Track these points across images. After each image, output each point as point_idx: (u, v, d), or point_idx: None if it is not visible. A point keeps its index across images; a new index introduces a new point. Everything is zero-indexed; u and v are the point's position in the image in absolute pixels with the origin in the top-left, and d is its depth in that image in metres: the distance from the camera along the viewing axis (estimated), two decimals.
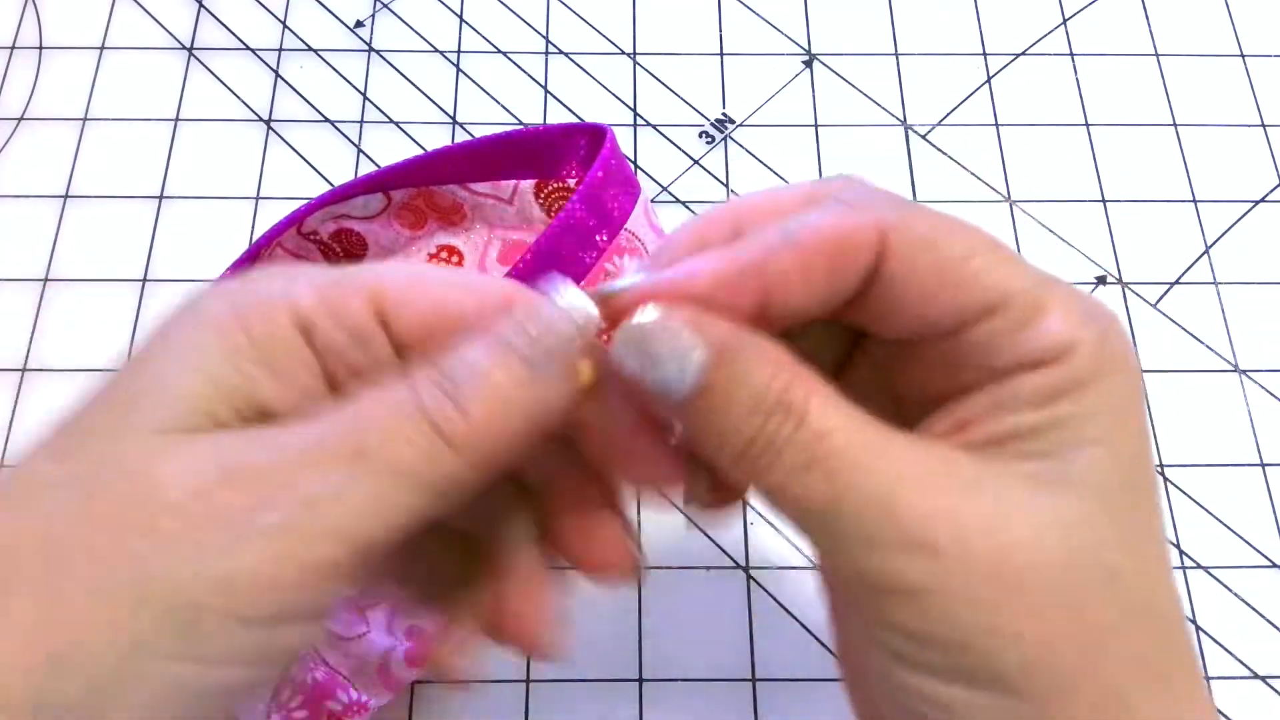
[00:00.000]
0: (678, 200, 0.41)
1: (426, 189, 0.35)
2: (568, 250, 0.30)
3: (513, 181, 0.35)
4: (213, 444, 0.19)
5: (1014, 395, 0.20)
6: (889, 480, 0.19)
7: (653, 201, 0.41)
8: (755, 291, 0.20)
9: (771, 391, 0.19)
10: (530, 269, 0.28)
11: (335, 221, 0.36)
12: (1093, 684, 0.19)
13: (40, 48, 0.44)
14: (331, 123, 0.43)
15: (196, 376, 0.19)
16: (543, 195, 0.35)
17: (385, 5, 0.45)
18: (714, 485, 0.23)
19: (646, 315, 0.20)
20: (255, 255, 0.35)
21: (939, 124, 0.43)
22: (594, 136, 0.33)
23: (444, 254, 0.37)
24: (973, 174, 0.42)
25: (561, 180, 0.34)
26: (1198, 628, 0.35)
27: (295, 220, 0.35)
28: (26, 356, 0.38)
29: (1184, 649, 0.20)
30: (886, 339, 0.22)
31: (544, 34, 0.45)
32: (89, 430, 0.19)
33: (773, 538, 0.35)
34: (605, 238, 0.31)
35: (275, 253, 0.35)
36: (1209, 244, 0.41)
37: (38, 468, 0.19)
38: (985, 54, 0.45)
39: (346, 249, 0.37)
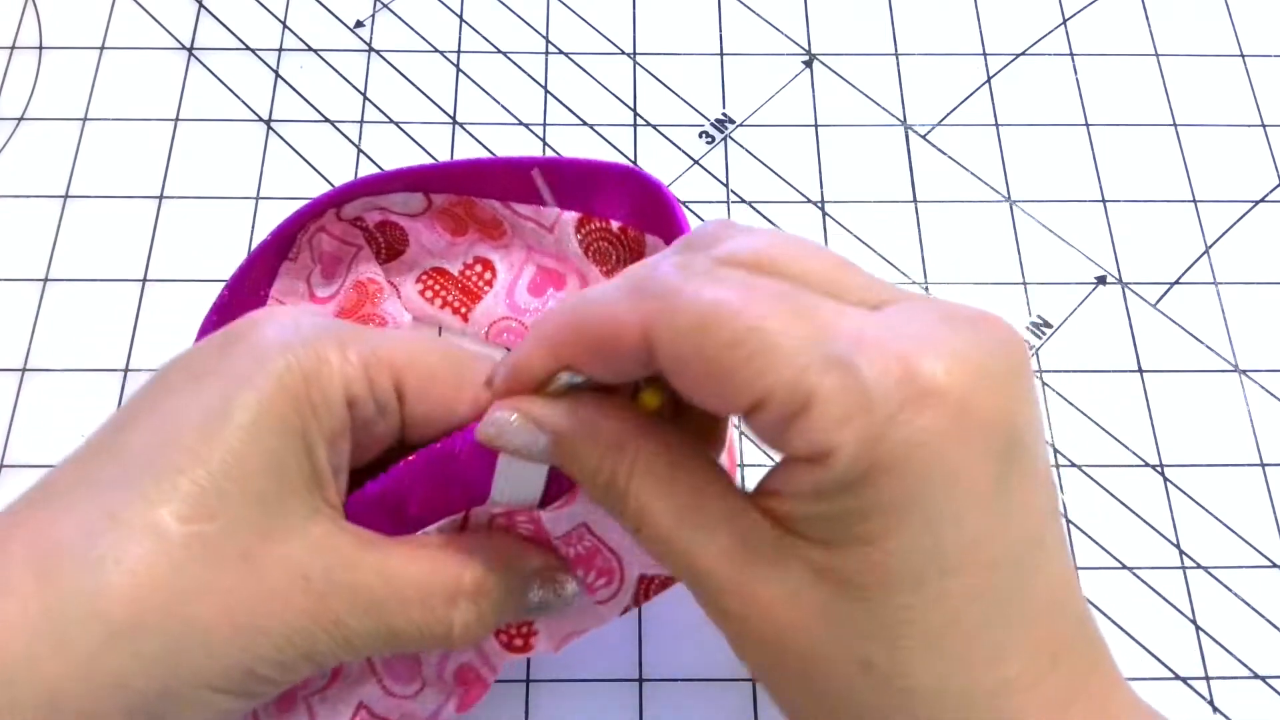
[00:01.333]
0: (678, 200, 0.41)
1: (467, 199, 0.35)
2: None
3: (556, 210, 0.34)
4: (305, 550, 0.23)
5: (793, 483, 0.20)
6: (695, 552, 0.21)
7: None
8: (558, 366, 0.23)
9: (600, 474, 0.22)
10: None
11: (381, 212, 0.35)
12: None
13: (40, 48, 0.44)
14: (331, 123, 0.43)
15: (285, 452, 0.23)
16: (583, 231, 0.34)
17: (385, 5, 0.45)
18: None
19: (498, 413, 0.23)
20: (290, 236, 0.34)
21: (939, 124, 0.43)
22: (648, 187, 0.32)
23: (479, 267, 0.36)
24: (973, 174, 0.42)
25: (604, 220, 0.34)
26: (1198, 628, 0.35)
27: (331, 202, 0.34)
28: (26, 356, 0.38)
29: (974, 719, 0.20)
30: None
31: (544, 34, 0.45)
32: (204, 494, 0.22)
33: None
34: None
35: (317, 237, 0.35)
36: (1209, 244, 0.41)
37: (163, 519, 0.21)
38: (985, 54, 0.45)
39: (389, 241, 0.36)
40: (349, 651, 0.24)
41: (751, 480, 0.36)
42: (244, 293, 0.34)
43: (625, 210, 0.33)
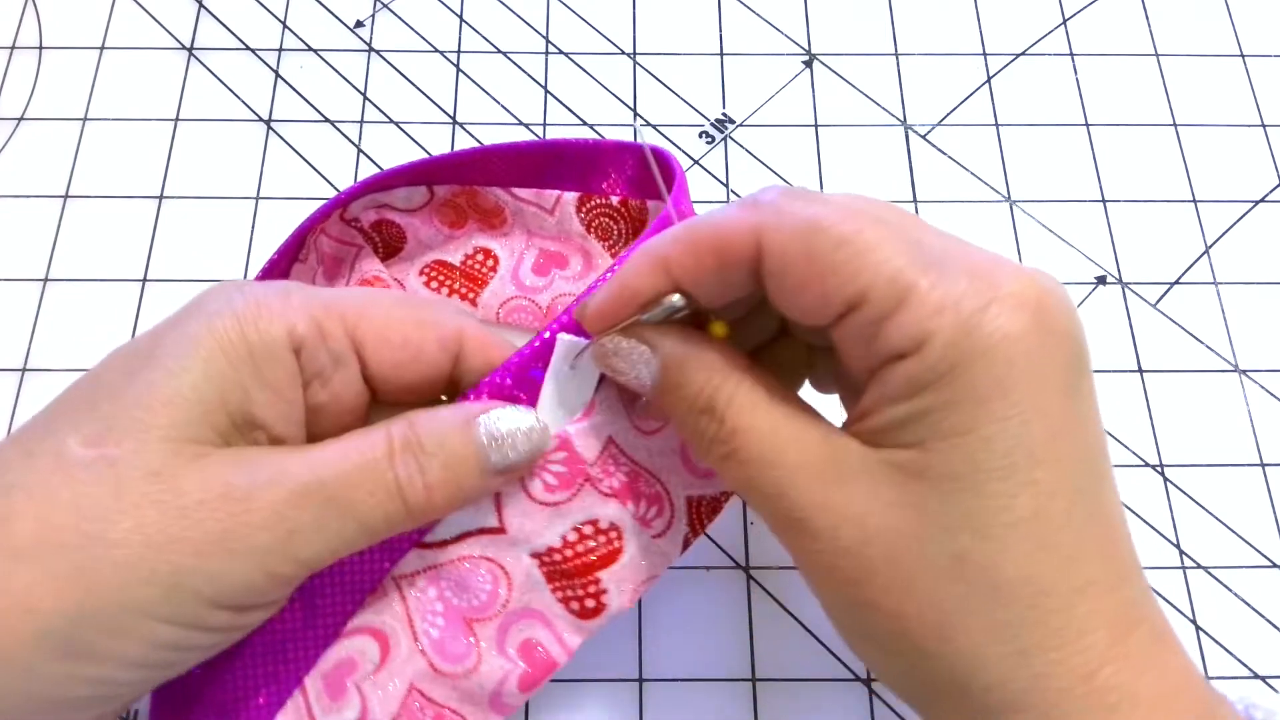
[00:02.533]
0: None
1: (470, 188, 0.35)
2: None
3: (556, 192, 0.34)
4: (223, 462, 0.23)
5: (887, 387, 0.22)
6: (786, 473, 0.23)
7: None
8: (669, 285, 0.24)
9: (702, 396, 0.24)
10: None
11: (377, 211, 0.35)
12: (944, 655, 0.21)
13: (40, 48, 0.44)
14: (331, 123, 0.43)
15: (207, 384, 0.23)
16: (584, 210, 0.34)
17: (385, 5, 0.45)
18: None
19: (614, 339, 0.25)
20: (300, 241, 0.34)
21: (939, 124, 0.43)
22: (641, 159, 0.32)
23: (480, 255, 0.36)
24: (973, 174, 0.42)
25: (604, 196, 0.34)
26: (1198, 628, 0.35)
27: (339, 204, 0.34)
28: (27, 356, 0.38)
29: (1050, 620, 0.21)
30: (802, 327, 0.25)
31: (544, 34, 0.45)
32: (114, 421, 0.23)
33: (773, 537, 0.35)
34: None
35: (319, 240, 0.35)
36: (1209, 244, 0.41)
37: (68, 445, 0.23)
38: (985, 54, 0.45)
39: (386, 240, 0.36)
40: (302, 547, 0.23)
41: None
42: None
43: (623, 184, 0.34)
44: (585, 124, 0.43)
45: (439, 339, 0.26)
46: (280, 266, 0.34)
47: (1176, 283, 0.40)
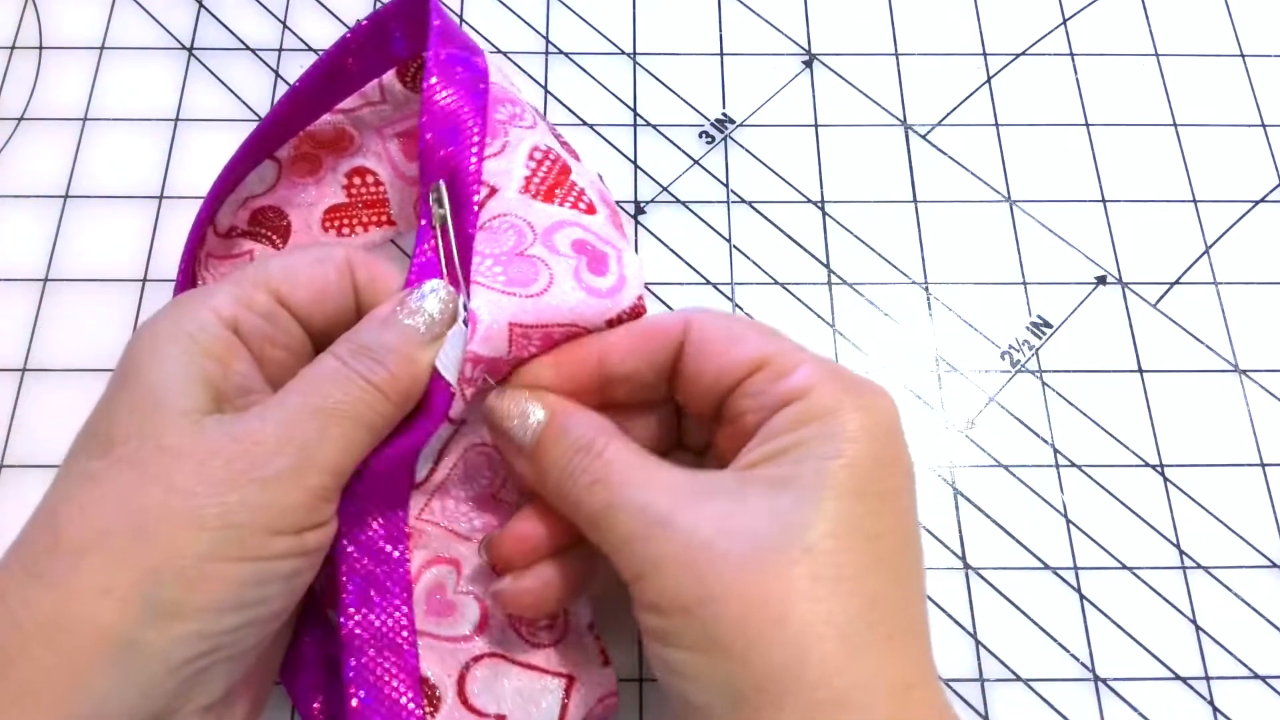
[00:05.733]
0: (678, 200, 0.41)
1: (305, 133, 0.35)
2: (452, 144, 0.30)
3: (374, 82, 0.35)
4: (216, 423, 0.26)
5: (772, 428, 0.26)
6: (651, 493, 0.26)
7: (653, 201, 0.41)
8: (597, 367, 0.29)
9: (584, 439, 0.27)
10: (428, 173, 0.31)
11: (245, 207, 0.36)
12: (780, 641, 0.23)
13: (40, 48, 0.44)
14: None
15: (176, 376, 0.26)
16: (408, 77, 0.34)
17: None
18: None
19: (504, 398, 0.29)
20: (190, 278, 0.34)
21: (939, 124, 0.43)
22: (404, 14, 0.33)
23: (357, 180, 0.37)
24: (973, 174, 0.42)
25: (413, 55, 0.34)
26: (1198, 628, 0.35)
27: (203, 224, 0.34)
28: (26, 356, 0.38)
29: (886, 616, 0.24)
30: (697, 413, 0.29)
31: (544, 34, 0.45)
32: (110, 434, 0.26)
33: None
34: (477, 125, 0.31)
35: (210, 265, 0.35)
36: (1209, 244, 0.41)
37: (84, 465, 0.25)
38: (985, 54, 0.45)
39: (271, 226, 0.36)
40: (319, 456, 0.26)
41: None
42: None
43: (410, 40, 0.34)
44: (585, 124, 0.43)
45: (335, 268, 0.29)
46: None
47: (1176, 283, 0.40)
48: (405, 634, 0.28)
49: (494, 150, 0.31)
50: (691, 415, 0.30)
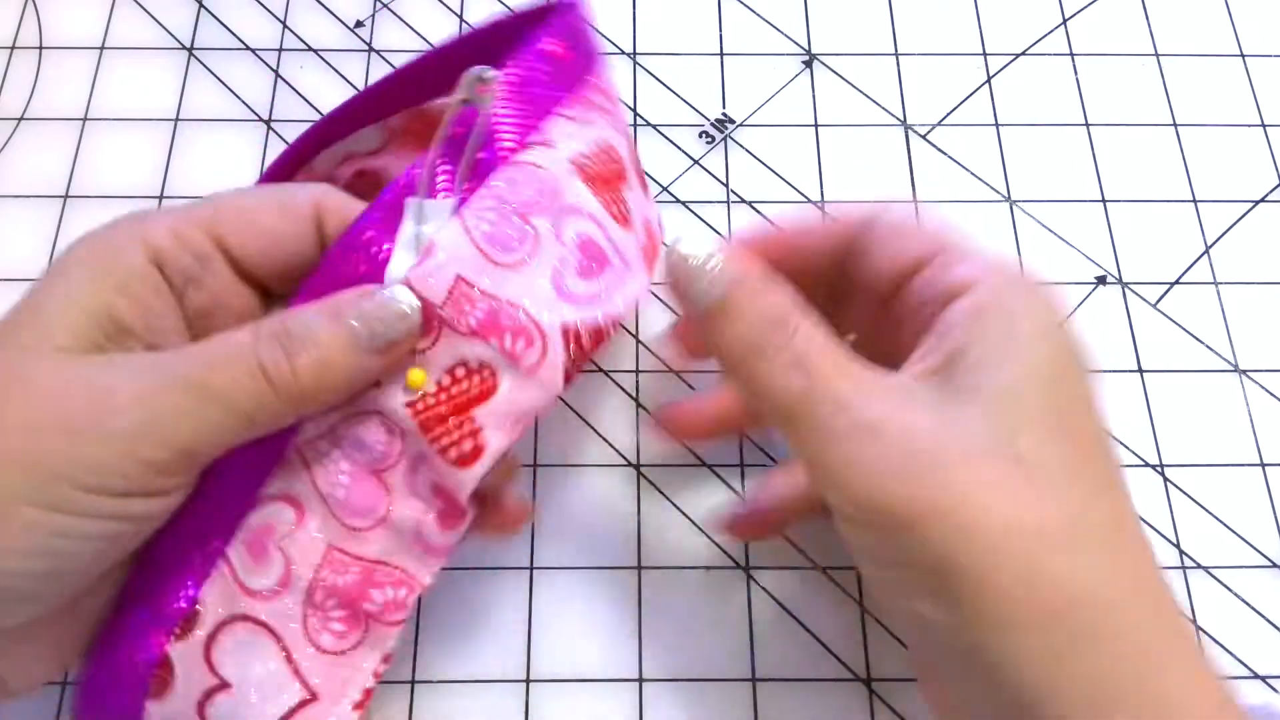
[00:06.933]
0: (678, 200, 0.41)
1: (418, 110, 0.34)
2: (536, 86, 0.28)
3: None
4: (86, 364, 0.24)
5: (948, 324, 0.25)
6: (851, 386, 0.25)
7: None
8: (785, 245, 0.29)
9: (779, 310, 0.25)
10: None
11: (349, 163, 0.35)
12: (1010, 554, 0.23)
13: (40, 48, 0.44)
14: None
15: (70, 306, 0.25)
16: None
17: (385, 5, 0.45)
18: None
19: (692, 243, 0.26)
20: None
21: (939, 124, 0.43)
22: (558, 13, 0.31)
23: None
24: (973, 174, 0.42)
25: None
26: (1198, 628, 0.35)
27: (296, 159, 0.33)
28: None
29: (1104, 520, 0.24)
30: (876, 291, 0.28)
31: None
32: None
33: (773, 538, 0.35)
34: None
35: None
36: (1209, 244, 0.41)
37: None
38: (985, 54, 0.45)
39: (368, 191, 0.35)
40: (170, 433, 0.24)
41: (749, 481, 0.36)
42: None
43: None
44: None
45: (295, 216, 0.27)
46: None
47: (1176, 283, 0.40)
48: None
49: (570, 114, 0.29)
50: (862, 306, 0.29)
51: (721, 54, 0.44)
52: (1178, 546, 0.36)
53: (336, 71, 0.44)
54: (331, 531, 0.27)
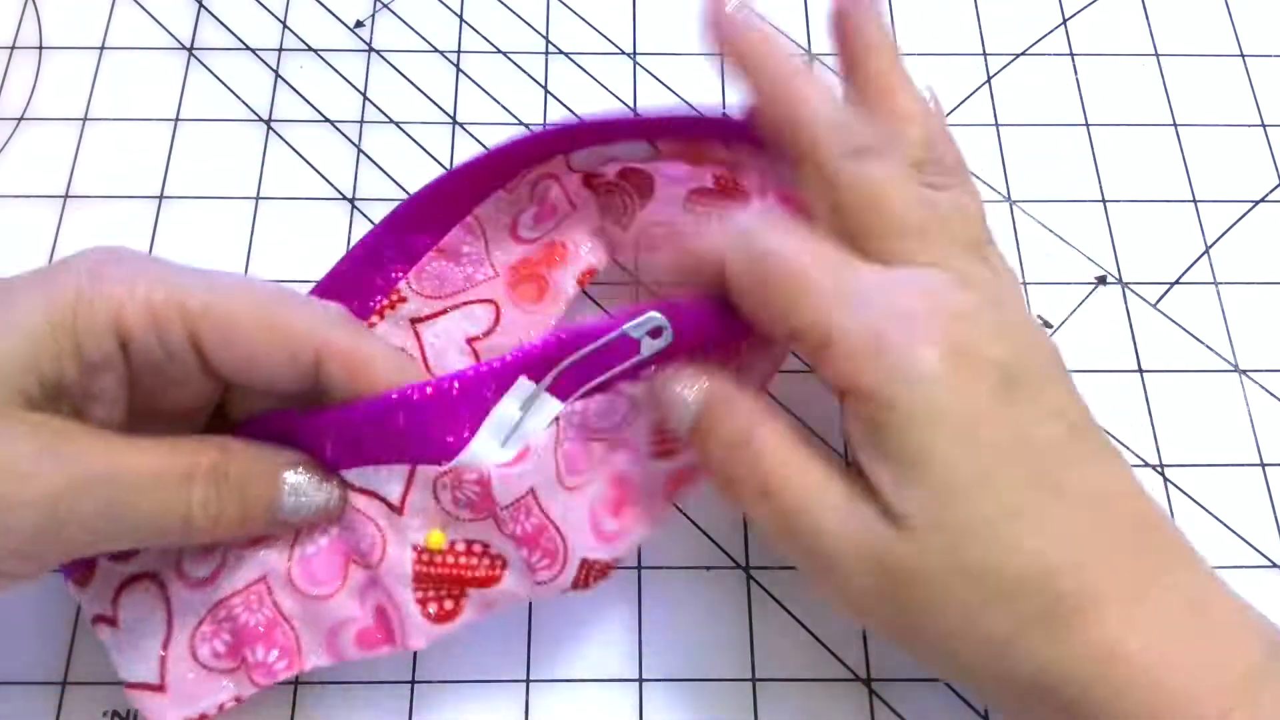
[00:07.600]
0: None
1: (694, 141, 0.34)
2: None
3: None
4: (21, 426, 0.23)
5: (851, 436, 0.25)
6: (816, 514, 0.25)
7: None
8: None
9: (740, 433, 0.26)
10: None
11: (614, 163, 0.34)
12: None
13: (40, 48, 0.44)
14: (331, 123, 0.43)
15: (24, 344, 0.23)
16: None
17: (385, 5, 0.45)
18: None
19: (665, 378, 0.27)
20: (513, 169, 0.33)
21: None
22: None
23: (725, 177, 0.35)
24: (973, 174, 0.42)
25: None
26: None
27: (558, 145, 0.33)
28: None
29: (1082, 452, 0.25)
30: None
31: (544, 34, 0.45)
32: None
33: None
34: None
35: (545, 183, 0.34)
36: (1209, 244, 0.41)
37: None
38: (985, 54, 0.45)
39: (637, 188, 0.35)
40: (71, 537, 0.23)
41: None
42: (441, 202, 0.34)
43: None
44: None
45: (289, 350, 0.26)
46: (466, 178, 0.33)
47: (1176, 283, 0.40)
48: None
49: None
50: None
51: (722, 54, 0.44)
52: None
53: (336, 71, 0.44)
54: (275, 571, 0.28)
